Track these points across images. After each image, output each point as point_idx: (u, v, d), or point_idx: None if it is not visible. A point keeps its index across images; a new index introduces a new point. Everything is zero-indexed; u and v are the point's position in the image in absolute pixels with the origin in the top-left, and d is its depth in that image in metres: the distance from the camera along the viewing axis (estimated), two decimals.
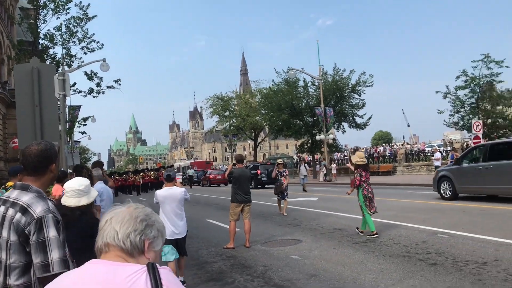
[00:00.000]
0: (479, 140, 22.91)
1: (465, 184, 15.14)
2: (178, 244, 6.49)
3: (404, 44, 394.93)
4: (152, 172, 41.83)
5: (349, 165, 11.57)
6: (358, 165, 9.79)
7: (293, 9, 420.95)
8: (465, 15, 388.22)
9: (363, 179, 9.70)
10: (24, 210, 2.23)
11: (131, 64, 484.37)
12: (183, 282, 6.56)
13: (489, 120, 28.94)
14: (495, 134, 28.81)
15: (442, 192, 16.08)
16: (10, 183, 6.88)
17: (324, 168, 35.89)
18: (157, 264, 1.46)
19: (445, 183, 16.02)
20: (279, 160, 16.80)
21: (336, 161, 44.76)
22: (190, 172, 45.82)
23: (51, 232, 2.22)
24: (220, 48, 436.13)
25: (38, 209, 2.25)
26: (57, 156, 2.61)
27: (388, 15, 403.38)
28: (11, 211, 2.25)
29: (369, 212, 9.50)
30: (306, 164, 28.29)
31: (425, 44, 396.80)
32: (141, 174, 41.53)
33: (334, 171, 37.30)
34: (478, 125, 23.36)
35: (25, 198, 2.29)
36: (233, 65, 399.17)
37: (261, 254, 8.51)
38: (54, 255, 2.20)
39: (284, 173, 14.86)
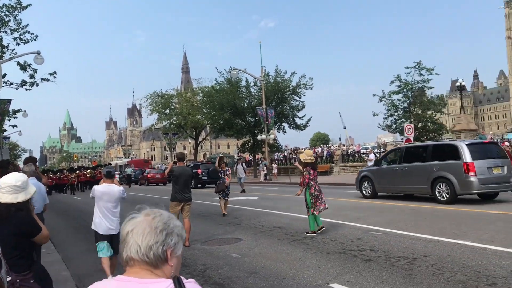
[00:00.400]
0: (411, 143, 24.12)
1: (383, 184, 16.30)
2: (113, 240, 6.44)
3: (344, 48, 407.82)
4: (88, 171, 39.90)
5: (297, 164, 11.18)
6: (306, 163, 9.84)
7: (235, 9, 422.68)
8: (401, 24, 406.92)
9: (311, 177, 9.76)
10: None
11: (67, 58, 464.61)
12: None
13: (420, 124, 30.57)
14: (425, 137, 30.51)
15: (363, 191, 17.09)
16: None
17: (264, 167, 36.30)
18: (182, 278, 1.53)
19: (366, 182, 17.04)
20: (221, 155, 17.05)
21: (276, 161, 45.35)
22: (128, 170, 44.36)
23: None
24: (161, 45, 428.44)
25: None
26: None
27: (329, 19, 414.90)
28: None
29: (313, 212, 9.60)
30: (243, 164, 27.68)
31: (363, 50, 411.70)
32: (76, 172, 39.63)
33: (274, 171, 37.95)
34: (410, 128, 24.59)
35: None
36: (175, 62, 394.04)
37: (201, 253, 8.47)
38: None
39: (228, 172, 14.41)
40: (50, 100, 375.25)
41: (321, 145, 72.90)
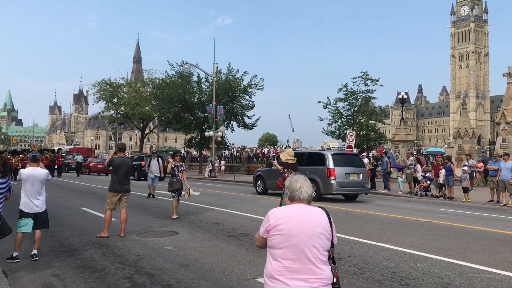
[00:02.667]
0: (352, 149, 25.06)
1: (272, 183, 18.00)
2: (37, 217, 7.07)
3: (297, 53, 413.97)
4: (49, 154, 35.19)
5: (275, 163, 10.51)
6: (287, 163, 8.89)
7: (193, 2, 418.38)
8: (354, 32, 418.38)
9: None
10: None
11: (12, 35, 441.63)
12: (35, 255, 7.01)
13: (362, 132, 31.77)
14: (366, 145, 31.77)
15: (257, 187, 19.92)
16: None
17: (210, 164, 36.38)
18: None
19: (259, 181, 19.87)
20: (170, 153, 16.79)
21: (225, 159, 45.27)
22: (78, 158, 41.13)
23: None
24: (114, 32, 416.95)
25: None
26: None
27: (286, 22, 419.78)
28: None
29: None
30: (160, 159, 20.26)
31: (316, 55, 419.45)
32: (20, 156, 36.36)
33: (222, 168, 38.31)
34: (352, 135, 25.53)
35: None
36: (127, 51, 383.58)
37: (136, 244, 8.51)
38: None
39: (182, 168, 12.69)
40: None
41: (269, 146, 73.67)
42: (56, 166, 33.78)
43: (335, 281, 2.91)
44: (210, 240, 8.99)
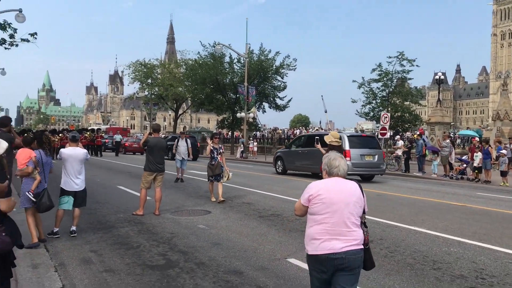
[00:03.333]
0: (385, 131, 24.66)
1: (291, 163, 19.96)
2: (77, 195, 7.39)
3: (330, 33, 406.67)
4: (88, 133, 35.24)
5: (318, 147, 9.65)
6: (332, 145, 8.00)
7: None
8: (388, 13, 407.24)
9: None
10: None
11: (49, 17, 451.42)
12: (74, 231, 7.31)
13: (397, 114, 31.15)
14: (400, 127, 31.18)
15: (276, 168, 20.72)
16: None
17: (242, 145, 36.57)
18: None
19: (279, 161, 20.70)
20: (208, 133, 16.80)
21: (258, 139, 45.10)
22: (117, 137, 40.15)
23: None
24: (148, 12, 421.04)
25: None
26: None
27: (318, 3, 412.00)
28: None
29: None
30: (188, 140, 17.83)
31: (349, 35, 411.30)
32: (60, 135, 36.21)
33: (255, 149, 38.41)
34: (386, 117, 25.05)
35: None
36: (160, 31, 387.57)
37: (170, 222, 8.74)
38: None
39: (221, 150, 11.89)
40: (30, 59, 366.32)
41: (300, 127, 73.36)
42: (95, 146, 34.16)
43: (366, 242, 3.49)
44: (241, 220, 9.12)
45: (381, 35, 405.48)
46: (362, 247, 3.44)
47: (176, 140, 17.00)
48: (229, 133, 45.75)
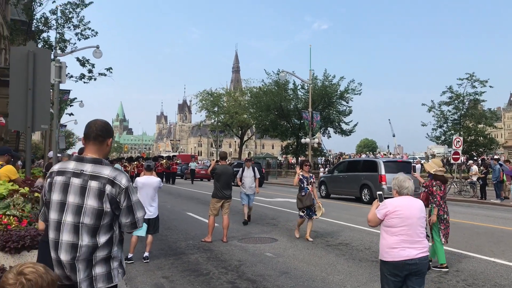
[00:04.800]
0: (458, 156, 23.54)
1: (333, 187, 21.31)
2: (150, 222, 7.58)
3: (395, 55, 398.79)
4: (164, 161, 35.01)
5: (416, 175, 9.07)
6: (436, 176, 7.37)
7: (289, 10, 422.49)
8: (455, 33, 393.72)
9: (440, 194, 7.40)
10: (112, 183, 2.67)
11: (121, 51, 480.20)
12: (147, 257, 7.55)
13: (470, 138, 29.66)
14: (474, 151, 29.63)
15: (320, 192, 21.53)
16: None
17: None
18: None
19: (323, 186, 22.08)
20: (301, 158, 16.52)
21: (322, 166, 44.54)
22: (192, 165, 39.24)
23: (134, 198, 2.75)
24: (214, 42, 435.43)
25: (123, 180, 2.71)
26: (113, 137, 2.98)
27: (382, 24, 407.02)
28: (95, 183, 2.64)
29: (442, 239, 7.35)
30: (255, 168, 13.83)
31: (416, 57, 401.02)
32: (135, 163, 33.78)
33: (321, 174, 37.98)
34: (459, 141, 23.96)
35: (106, 171, 2.68)
36: (226, 60, 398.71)
37: (237, 249, 8.82)
38: (139, 214, 2.77)
39: (311, 179, 10.27)
40: (105, 91, 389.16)
41: (367, 152, 71.81)
42: (170, 173, 33.55)
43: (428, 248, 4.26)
44: (309, 248, 9.02)
45: (449, 56, 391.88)
46: (429, 253, 4.28)
47: (241, 169, 13.28)
48: (293, 159, 45.72)
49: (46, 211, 2.76)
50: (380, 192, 4.52)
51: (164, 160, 34.23)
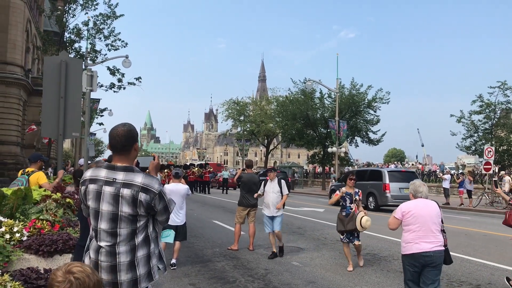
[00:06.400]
0: (490, 166, 22.95)
1: None
2: (178, 229, 7.69)
3: (423, 63, 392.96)
4: (196, 169, 33.10)
5: (499, 191, 8.08)
6: None
7: (316, 19, 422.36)
8: (487, 40, 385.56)
9: None
10: (146, 190, 2.73)
11: (148, 60, 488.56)
12: (174, 264, 7.60)
13: (502, 148, 28.86)
14: (507, 161, 28.79)
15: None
16: (30, 169, 7.29)
17: (333, 180, 36.03)
18: None
19: (332, 194, 20.89)
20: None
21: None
22: (225, 174, 36.65)
23: (167, 198, 2.85)
24: (240, 52, 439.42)
25: (155, 185, 2.77)
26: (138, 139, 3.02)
27: (410, 31, 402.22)
28: (127, 191, 2.70)
29: None
30: (281, 181, 9.99)
31: (444, 65, 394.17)
32: (165, 170, 33.64)
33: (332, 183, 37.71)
34: (490, 151, 23.36)
35: (139, 179, 2.74)
36: (252, 69, 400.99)
37: (264, 258, 8.79)
38: (171, 208, 2.90)
39: (357, 196, 8.24)
40: (133, 100, 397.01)
41: (395, 162, 70.73)
42: (203, 182, 32.21)
43: (445, 243, 4.89)
44: (335, 258, 8.93)
45: (480, 62, 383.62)
46: (444, 248, 4.85)
47: (263, 182, 9.76)
48: (320, 168, 45.42)
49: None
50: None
51: (196, 168, 32.26)
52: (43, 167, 7.85)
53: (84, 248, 2.90)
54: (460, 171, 37.29)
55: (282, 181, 9.64)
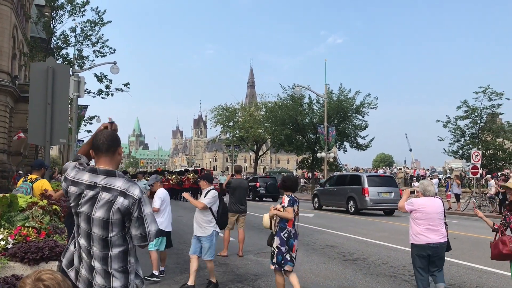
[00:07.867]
0: (477, 170, 23.19)
1: (324, 200, 23.01)
2: (167, 236, 7.55)
3: (411, 68, 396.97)
4: (191, 175, 31.24)
5: (481, 215, 5.77)
6: None
7: (304, 24, 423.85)
8: (472, 46, 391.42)
9: None
10: (125, 194, 2.61)
11: (136, 66, 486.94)
12: (162, 272, 7.48)
13: (489, 152, 29.18)
14: (493, 165, 29.10)
15: (314, 204, 23.81)
16: (33, 176, 7.18)
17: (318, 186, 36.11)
18: None
19: (316, 198, 23.90)
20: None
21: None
22: (221, 179, 36.48)
23: (146, 210, 2.65)
24: (229, 58, 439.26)
25: (136, 191, 2.64)
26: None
27: (398, 37, 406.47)
28: (106, 195, 2.62)
29: None
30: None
31: (432, 70, 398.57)
32: (160, 177, 32.35)
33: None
34: (477, 155, 23.62)
35: (119, 183, 2.65)
36: (241, 75, 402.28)
37: (253, 263, 8.77)
38: (151, 227, 2.64)
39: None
40: (121, 107, 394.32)
41: (384, 167, 71.19)
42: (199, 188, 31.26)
43: (446, 234, 5.81)
44: (325, 263, 8.93)
45: (466, 68, 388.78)
46: (447, 239, 5.80)
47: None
48: (309, 173, 45.54)
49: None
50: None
51: (191, 174, 30.85)
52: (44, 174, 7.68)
53: None
54: (448, 175, 37.64)
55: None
